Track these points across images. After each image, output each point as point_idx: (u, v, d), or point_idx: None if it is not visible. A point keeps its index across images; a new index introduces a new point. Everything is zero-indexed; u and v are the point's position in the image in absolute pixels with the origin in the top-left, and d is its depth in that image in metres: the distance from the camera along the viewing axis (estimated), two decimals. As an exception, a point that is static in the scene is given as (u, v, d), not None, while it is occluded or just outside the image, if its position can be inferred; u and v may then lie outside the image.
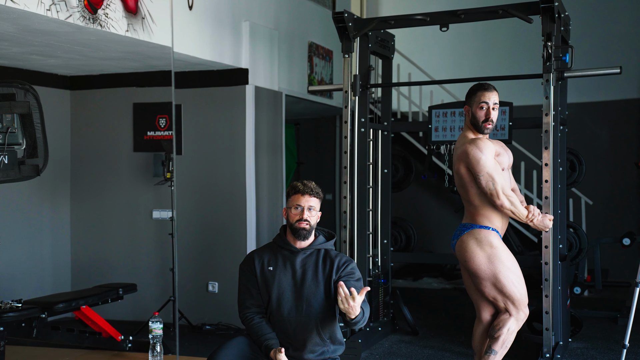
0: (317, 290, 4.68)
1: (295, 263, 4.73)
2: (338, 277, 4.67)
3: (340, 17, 7.18)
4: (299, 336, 4.68)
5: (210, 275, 8.44)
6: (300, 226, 4.69)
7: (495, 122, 5.41)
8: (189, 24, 7.34)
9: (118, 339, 6.79)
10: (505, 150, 5.50)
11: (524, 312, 5.43)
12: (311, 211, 4.71)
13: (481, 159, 5.25)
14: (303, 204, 4.70)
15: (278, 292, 4.71)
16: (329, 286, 4.68)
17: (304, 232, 4.70)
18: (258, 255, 4.85)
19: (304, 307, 4.67)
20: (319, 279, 4.69)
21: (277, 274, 4.74)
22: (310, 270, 4.71)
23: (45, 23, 5.85)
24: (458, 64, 12.83)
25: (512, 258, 5.38)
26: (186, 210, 8.37)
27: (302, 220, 4.69)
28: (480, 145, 5.29)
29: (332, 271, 4.69)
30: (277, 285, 4.72)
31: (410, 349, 7.53)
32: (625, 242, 9.42)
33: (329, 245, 4.84)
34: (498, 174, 5.28)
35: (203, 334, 8.10)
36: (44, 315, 6.24)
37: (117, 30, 6.27)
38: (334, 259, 4.75)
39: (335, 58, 10.38)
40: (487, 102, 5.34)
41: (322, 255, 4.77)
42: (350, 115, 7.37)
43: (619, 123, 11.86)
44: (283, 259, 4.77)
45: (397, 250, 9.36)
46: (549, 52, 6.49)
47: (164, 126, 8.54)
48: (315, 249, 4.78)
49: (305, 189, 4.73)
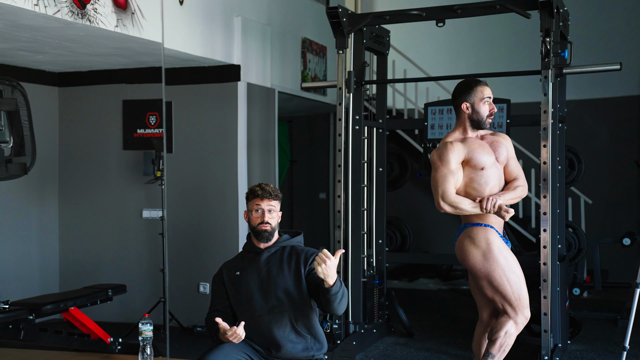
0: (286, 285, 4.78)
1: (260, 262, 4.88)
2: (308, 270, 4.80)
3: (334, 12, 7.19)
4: (275, 334, 4.76)
5: (202, 275, 8.44)
6: (262, 228, 4.88)
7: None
8: (180, 19, 7.35)
9: (107, 341, 6.79)
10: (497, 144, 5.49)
11: (524, 315, 5.39)
12: (272, 213, 4.90)
13: (438, 167, 5.38)
14: (263, 207, 4.89)
15: (247, 294, 4.86)
16: (298, 280, 4.79)
17: (266, 234, 4.88)
18: (227, 265, 5.09)
19: (274, 304, 4.78)
20: (285, 273, 4.80)
21: (243, 277, 4.91)
22: (275, 266, 4.84)
23: (32, 18, 5.85)
24: (454, 60, 12.85)
25: (510, 257, 5.34)
26: (177, 209, 8.37)
27: (263, 222, 4.88)
28: (441, 153, 5.40)
29: (299, 265, 4.82)
30: (245, 287, 4.87)
31: (405, 351, 7.54)
32: (626, 242, 9.44)
33: (295, 241, 4.99)
34: (448, 182, 5.34)
35: (194, 336, 8.11)
36: (31, 316, 6.23)
37: (106, 26, 6.27)
38: (300, 253, 4.88)
39: (329, 54, 10.38)
40: (490, 97, 5.44)
41: (288, 251, 4.91)
42: (345, 113, 7.38)
43: (619, 120, 11.89)
44: (249, 262, 4.94)
45: (392, 250, 9.35)
46: (547, 48, 6.51)
47: (154, 124, 8.55)
48: (280, 246, 4.94)
49: (264, 194, 4.92)
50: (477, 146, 5.40)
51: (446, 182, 5.33)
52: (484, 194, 5.33)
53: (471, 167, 5.34)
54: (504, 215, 5.23)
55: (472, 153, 5.36)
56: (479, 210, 5.29)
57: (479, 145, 5.40)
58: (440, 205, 5.34)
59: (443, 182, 5.34)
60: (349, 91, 7.41)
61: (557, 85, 6.79)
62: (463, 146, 5.38)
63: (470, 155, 5.35)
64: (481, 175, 5.35)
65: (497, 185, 5.40)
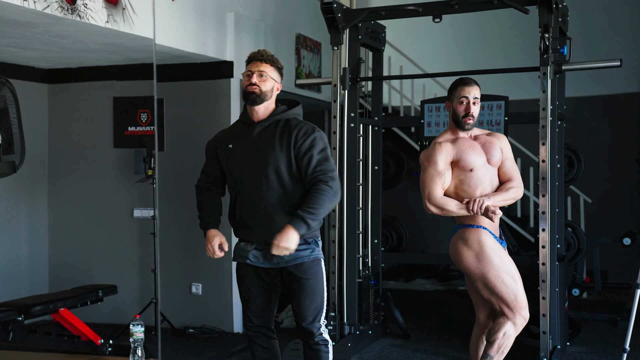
0: (276, 163, 4.69)
1: (252, 136, 4.78)
2: (297, 153, 4.69)
3: (329, 7, 7.20)
4: (264, 211, 4.71)
5: (194, 276, 8.45)
6: (249, 90, 4.75)
7: (477, 118, 5.42)
8: (172, 14, 7.35)
9: (97, 342, 6.78)
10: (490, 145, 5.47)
11: (522, 316, 5.38)
12: (262, 76, 4.77)
13: (425, 168, 5.40)
14: (254, 69, 4.78)
15: (238, 168, 4.79)
16: (288, 159, 4.70)
17: (252, 96, 4.74)
18: (221, 134, 5.03)
19: (263, 182, 4.70)
20: (276, 151, 4.70)
21: (235, 150, 4.82)
22: (267, 142, 4.73)
23: (21, 14, 5.84)
24: (451, 57, 12.84)
25: (505, 257, 5.34)
26: (168, 208, 8.37)
27: (251, 84, 4.75)
28: (429, 154, 5.41)
29: (289, 143, 4.71)
30: (236, 161, 4.80)
31: (401, 353, 7.55)
32: (626, 242, 9.47)
33: (291, 114, 4.85)
34: (434, 183, 5.35)
35: (186, 338, 8.10)
36: (20, 318, 6.23)
37: (97, 22, 6.27)
38: (293, 129, 4.74)
39: (323, 50, 10.39)
40: (467, 97, 5.36)
41: (282, 126, 4.78)
42: (340, 110, 7.39)
43: (619, 118, 11.91)
44: (242, 135, 4.84)
45: (388, 250, 9.35)
46: (546, 44, 6.52)
47: (145, 121, 8.55)
48: (275, 120, 4.80)
49: (256, 56, 4.82)
50: (468, 147, 5.39)
51: (433, 183, 5.33)
52: (475, 196, 5.34)
53: (460, 168, 5.33)
54: (491, 216, 5.23)
55: (461, 154, 5.34)
56: (465, 211, 5.28)
57: (470, 146, 5.39)
58: (426, 207, 5.35)
59: (430, 183, 5.34)
60: (344, 88, 7.41)
61: (556, 82, 6.80)
62: (452, 147, 5.37)
63: (459, 155, 5.34)
64: (471, 177, 5.34)
65: (488, 187, 5.37)
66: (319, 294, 4.81)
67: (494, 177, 5.44)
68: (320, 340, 4.82)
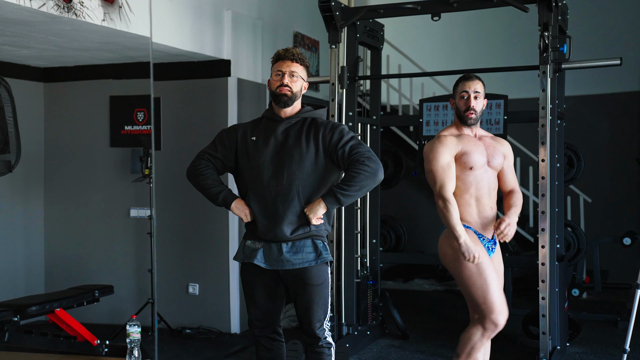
0: (300, 158, 4.65)
1: (278, 131, 4.74)
2: (329, 147, 4.66)
3: (327, 5, 7.19)
4: (278, 206, 4.66)
5: (191, 276, 8.45)
6: (281, 92, 4.71)
7: (480, 112, 5.40)
8: (168, 13, 7.35)
9: (94, 343, 6.78)
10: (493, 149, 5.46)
11: (492, 321, 5.26)
12: (293, 77, 4.73)
13: (432, 160, 5.34)
14: (284, 70, 4.73)
15: (259, 161, 4.71)
16: (316, 154, 4.67)
17: (284, 99, 4.71)
18: (242, 126, 4.94)
19: (284, 175, 4.65)
20: (302, 146, 4.66)
21: (259, 144, 4.75)
22: (292, 137, 4.70)
23: (17, 12, 5.84)
24: (450, 55, 12.86)
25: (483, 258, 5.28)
26: (165, 208, 8.36)
27: (282, 85, 4.71)
28: (435, 146, 5.37)
29: (317, 139, 4.67)
30: (258, 154, 4.73)
31: (400, 353, 7.56)
32: (626, 242, 9.46)
33: (317, 114, 4.82)
34: (447, 176, 5.31)
35: (183, 338, 8.10)
36: (16, 318, 6.22)
37: (93, 20, 6.27)
38: (320, 126, 4.72)
39: (321, 49, 10.38)
40: (467, 91, 5.37)
41: (308, 123, 4.75)
42: (338, 109, 7.39)
43: (619, 117, 11.91)
44: (266, 129, 4.78)
45: (386, 250, 9.36)
46: (545, 43, 6.52)
47: (142, 120, 8.54)
48: (302, 117, 4.78)
49: (287, 54, 4.76)
50: (472, 144, 5.39)
51: (445, 176, 5.29)
52: (465, 195, 5.35)
53: (460, 164, 5.31)
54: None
55: (465, 150, 5.33)
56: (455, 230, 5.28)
57: (474, 144, 5.39)
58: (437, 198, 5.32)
59: (442, 175, 5.29)
60: (342, 87, 7.41)
61: (555, 81, 6.80)
62: (457, 141, 5.37)
63: (463, 151, 5.32)
64: (467, 175, 5.33)
65: (485, 189, 5.36)
66: (325, 299, 4.77)
67: (492, 180, 5.42)
68: (324, 344, 4.80)
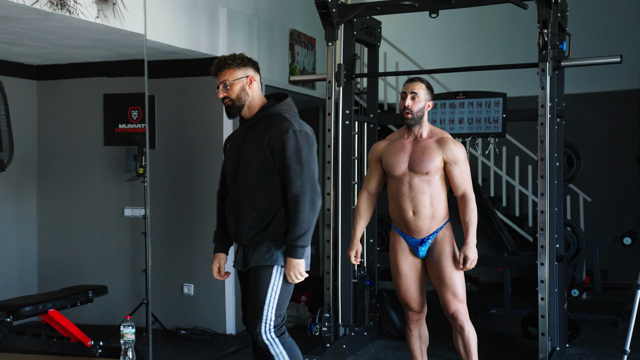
0: (252, 163, 4.68)
1: (240, 135, 4.84)
2: (274, 154, 4.64)
3: (324, 2, 7.19)
4: (238, 211, 4.77)
5: (186, 276, 8.45)
6: (225, 104, 4.79)
7: (417, 113, 5.55)
8: (163, 9, 7.35)
9: (88, 344, 6.79)
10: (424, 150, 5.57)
11: (408, 312, 6.09)
12: (226, 86, 4.74)
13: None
14: (217, 84, 4.78)
15: (227, 167, 4.88)
16: (263, 162, 4.66)
17: (229, 111, 4.78)
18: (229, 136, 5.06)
19: (239, 181, 4.74)
20: (253, 150, 4.69)
21: (228, 149, 4.91)
22: (248, 141, 4.74)
23: (10, 9, 5.83)
24: (448, 53, 12.86)
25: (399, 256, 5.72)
26: (160, 207, 8.37)
27: (223, 99, 4.77)
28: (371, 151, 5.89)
29: (264, 142, 4.66)
30: (227, 159, 4.89)
31: (397, 354, 7.56)
32: (626, 242, 9.47)
33: (275, 110, 4.78)
34: (367, 178, 5.92)
35: (178, 339, 8.10)
36: (9, 319, 6.22)
37: (87, 17, 6.26)
38: (269, 128, 4.69)
39: (318, 46, 10.39)
40: (405, 92, 5.59)
41: (262, 125, 4.75)
42: (334, 107, 7.39)
43: (619, 115, 11.91)
44: (236, 134, 4.90)
45: (383, 250, 9.36)
46: (545, 40, 6.53)
47: (136, 118, 8.54)
48: (258, 117, 4.79)
49: (212, 70, 4.81)
50: (396, 149, 5.66)
51: (366, 177, 5.94)
52: (390, 198, 5.70)
53: (385, 169, 5.74)
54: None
55: (385, 155, 5.72)
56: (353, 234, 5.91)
57: (398, 149, 5.66)
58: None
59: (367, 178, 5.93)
60: (338, 85, 7.42)
61: (555, 79, 6.81)
62: (385, 146, 5.74)
63: (383, 156, 5.74)
64: (390, 179, 5.70)
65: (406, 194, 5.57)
66: (260, 299, 4.69)
67: (421, 185, 5.53)
68: (260, 343, 4.72)
